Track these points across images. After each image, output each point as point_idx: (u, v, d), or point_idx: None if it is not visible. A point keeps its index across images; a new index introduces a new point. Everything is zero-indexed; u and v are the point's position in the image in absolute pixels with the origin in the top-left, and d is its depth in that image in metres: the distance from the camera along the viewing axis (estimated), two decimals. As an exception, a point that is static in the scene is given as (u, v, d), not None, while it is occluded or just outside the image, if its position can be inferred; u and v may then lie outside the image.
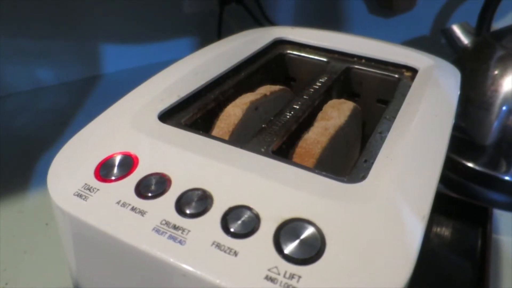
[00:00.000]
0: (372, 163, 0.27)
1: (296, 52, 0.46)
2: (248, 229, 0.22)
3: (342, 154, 0.35)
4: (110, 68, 0.83)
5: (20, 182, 0.54)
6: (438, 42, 0.85)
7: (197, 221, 0.23)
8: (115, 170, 0.26)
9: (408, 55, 0.42)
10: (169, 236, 0.22)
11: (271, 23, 0.90)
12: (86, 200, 0.24)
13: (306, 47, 0.46)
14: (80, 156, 0.28)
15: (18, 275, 0.42)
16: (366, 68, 0.43)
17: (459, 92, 0.37)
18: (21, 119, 0.68)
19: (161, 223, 0.22)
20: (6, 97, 0.72)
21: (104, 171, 0.26)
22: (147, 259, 0.22)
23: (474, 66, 0.56)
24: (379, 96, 0.42)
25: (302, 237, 0.22)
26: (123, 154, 0.27)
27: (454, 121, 0.33)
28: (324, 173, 0.26)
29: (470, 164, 0.55)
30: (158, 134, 0.29)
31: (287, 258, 0.21)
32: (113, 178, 0.25)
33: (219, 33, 0.86)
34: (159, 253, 0.21)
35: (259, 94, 0.38)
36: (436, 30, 0.91)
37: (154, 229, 0.22)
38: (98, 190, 0.25)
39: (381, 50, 0.43)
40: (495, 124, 0.52)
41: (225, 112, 0.35)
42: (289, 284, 0.20)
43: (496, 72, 0.53)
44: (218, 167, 0.26)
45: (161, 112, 0.31)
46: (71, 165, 0.27)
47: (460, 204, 0.51)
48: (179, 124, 0.32)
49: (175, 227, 0.22)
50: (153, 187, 0.25)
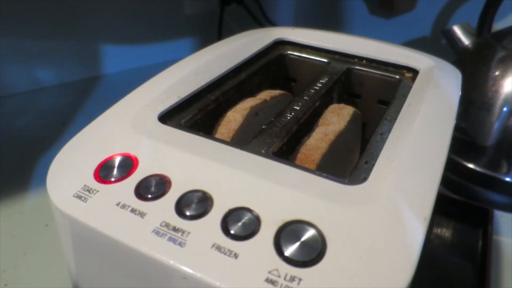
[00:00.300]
0: (373, 165, 0.27)
1: (296, 53, 0.46)
2: (248, 231, 0.22)
3: (342, 159, 0.35)
4: (111, 69, 0.82)
5: (20, 182, 0.54)
6: (439, 43, 0.85)
7: (197, 223, 0.22)
8: (115, 172, 0.26)
9: (409, 56, 0.42)
10: (169, 238, 0.22)
11: (271, 23, 0.90)
12: (86, 202, 0.24)
13: (307, 48, 0.46)
14: (80, 157, 0.28)
15: (17, 276, 0.42)
16: (367, 69, 0.43)
17: (460, 93, 0.37)
18: (21, 120, 0.68)
19: (161, 225, 0.22)
20: (6, 97, 0.72)
21: (103, 172, 0.26)
22: (147, 261, 0.21)
23: (475, 67, 0.56)
24: (380, 97, 0.42)
25: (302, 239, 0.21)
26: (123, 155, 0.27)
27: (455, 122, 0.33)
28: (324, 174, 0.26)
29: (470, 165, 0.55)
30: (158, 135, 0.29)
31: (288, 260, 0.21)
32: (112, 179, 0.25)
33: (219, 33, 0.86)
34: (158, 255, 0.21)
35: (259, 99, 0.38)
36: (436, 30, 0.91)
37: (154, 231, 0.22)
38: (98, 191, 0.25)
39: (381, 50, 0.43)
40: (496, 125, 0.52)
41: (225, 118, 0.35)
42: (289, 287, 0.19)
43: (497, 73, 0.53)
44: (218, 168, 0.26)
45: (161, 113, 0.31)
46: (71, 166, 0.27)
47: (460, 205, 0.51)
48: (179, 125, 0.32)
49: (175, 229, 0.22)
50: (153, 188, 0.24)
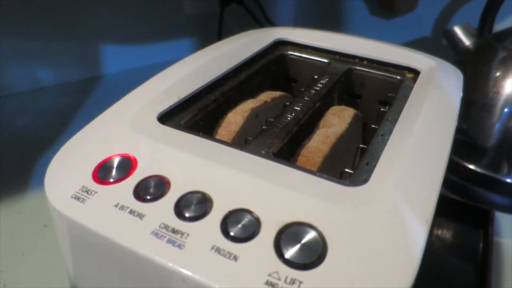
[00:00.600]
0: (374, 166, 0.26)
1: (297, 53, 0.46)
2: (248, 233, 0.22)
3: (343, 161, 0.35)
4: (110, 69, 0.82)
5: (20, 182, 0.54)
6: (440, 44, 0.84)
7: (196, 224, 0.22)
8: (114, 172, 0.26)
9: (410, 56, 0.42)
10: (168, 240, 0.22)
11: (271, 23, 0.90)
12: (84, 203, 0.24)
13: (307, 48, 0.46)
14: (78, 158, 0.27)
15: (16, 277, 0.42)
16: (368, 70, 0.42)
17: (461, 94, 0.37)
18: (21, 120, 0.68)
19: (159, 227, 0.22)
20: (6, 97, 0.72)
21: (102, 173, 0.26)
22: (146, 263, 0.21)
23: (475, 68, 0.55)
24: (380, 98, 0.42)
25: (303, 241, 0.21)
26: (122, 156, 0.27)
27: (457, 123, 0.33)
28: (325, 176, 0.25)
29: (471, 166, 0.55)
30: (157, 136, 0.28)
31: (288, 262, 0.20)
32: (111, 180, 0.25)
33: (219, 33, 0.86)
34: (157, 257, 0.21)
35: (260, 101, 0.38)
36: (437, 31, 0.91)
37: (152, 232, 0.22)
38: (96, 192, 0.25)
39: (382, 51, 0.43)
40: (496, 126, 0.52)
41: (225, 119, 0.35)
42: (290, 290, 0.19)
43: (498, 73, 0.53)
44: (218, 169, 0.25)
45: (160, 113, 0.31)
46: (69, 167, 0.27)
47: (461, 206, 0.51)
48: (179, 126, 0.31)
49: (174, 231, 0.22)
50: (152, 189, 0.24)
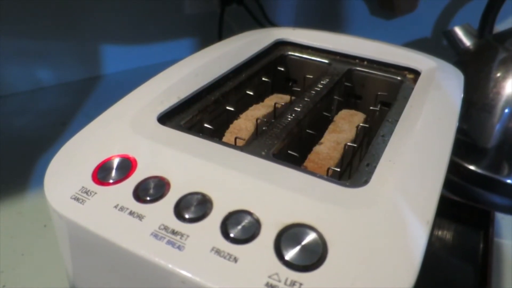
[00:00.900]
0: (375, 167, 0.26)
1: (297, 54, 0.46)
2: (248, 234, 0.22)
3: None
4: (110, 69, 0.82)
5: (19, 183, 0.54)
6: (440, 44, 0.84)
7: (196, 226, 0.22)
8: (113, 173, 0.25)
9: (410, 57, 0.42)
10: (167, 241, 0.21)
11: (272, 24, 0.90)
12: (83, 204, 0.24)
13: (308, 49, 0.46)
14: (78, 158, 0.27)
15: (15, 277, 0.42)
16: (368, 70, 0.42)
17: (462, 95, 0.37)
18: (20, 120, 0.68)
19: (159, 228, 0.22)
20: (6, 97, 0.72)
21: (101, 174, 0.26)
22: (145, 265, 0.21)
23: (476, 68, 0.55)
24: (381, 99, 0.42)
25: (303, 243, 0.21)
26: (121, 157, 0.26)
27: (457, 124, 0.33)
28: (325, 177, 0.25)
29: (472, 167, 0.55)
30: (157, 137, 0.28)
31: (288, 264, 0.20)
32: (111, 181, 0.25)
33: (220, 34, 0.86)
34: (157, 258, 0.21)
35: (270, 106, 0.37)
36: (438, 32, 0.91)
37: (152, 234, 0.22)
38: (96, 193, 0.24)
39: (383, 51, 0.43)
40: (497, 127, 0.52)
41: (235, 125, 0.34)
42: (290, 292, 0.19)
43: (498, 74, 0.53)
44: (218, 170, 0.25)
45: (160, 114, 0.31)
46: (68, 167, 0.27)
47: (461, 207, 0.50)
48: (179, 126, 0.31)
49: (174, 232, 0.22)
50: (151, 190, 0.24)
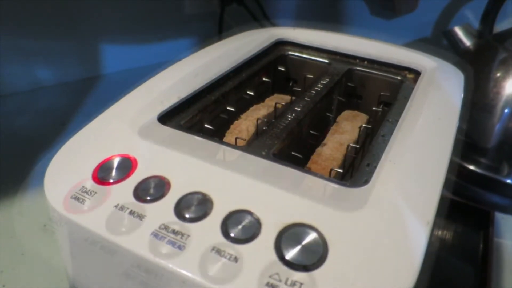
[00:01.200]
0: (375, 167, 0.26)
1: (297, 53, 0.45)
2: (248, 234, 0.22)
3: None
4: (110, 69, 0.82)
5: (19, 183, 0.54)
6: (440, 44, 0.84)
7: (196, 225, 0.22)
8: (113, 173, 0.25)
9: (410, 56, 0.42)
10: (168, 241, 0.21)
11: (272, 23, 0.90)
12: (84, 203, 0.24)
13: (308, 48, 0.45)
14: (78, 158, 0.27)
15: (15, 277, 0.42)
16: (369, 70, 0.42)
17: (463, 95, 0.37)
18: (20, 119, 0.67)
19: (160, 228, 0.22)
20: (5, 97, 0.72)
21: (102, 174, 0.26)
22: (145, 265, 0.21)
23: (476, 69, 0.55)
24: (381, 99, 0.42)
25: (304, 242, 0.21)
26: (122, 157, 0.26)
27: (458, 124, 0.33)
28: (326, 177, 0.25)
29: (471, 167, 0.55)
30: (157, 136, 0.28)
31: (289, 264, 0.20)
32: (111, 181, 0.25)
33: (219, 34, 0.86)
34: (157, 258, 0.21)
35: (271, 106, 0.37)
36: (438, 32, 0.91)
37: (152, 233, 0.22)
38: (96, 193, 0.24)
39: (383, 51, 0.43)
40: (497, 127, 0.52)
41: (236, 126, 0.34)
42: (290, 291, 0.19)
43: (498, 74, 0.53)
44: (218, 170, 0.25)
45: (160, 113, 0.31)
46: (69, 167, 0.27)
47: (461, 207, 0.50)
48: (179, 126, 0.31)
49: (174, 232, 0.22)
50: (152, 190, 0.24)
